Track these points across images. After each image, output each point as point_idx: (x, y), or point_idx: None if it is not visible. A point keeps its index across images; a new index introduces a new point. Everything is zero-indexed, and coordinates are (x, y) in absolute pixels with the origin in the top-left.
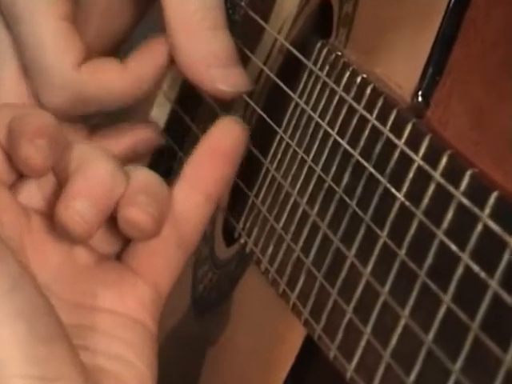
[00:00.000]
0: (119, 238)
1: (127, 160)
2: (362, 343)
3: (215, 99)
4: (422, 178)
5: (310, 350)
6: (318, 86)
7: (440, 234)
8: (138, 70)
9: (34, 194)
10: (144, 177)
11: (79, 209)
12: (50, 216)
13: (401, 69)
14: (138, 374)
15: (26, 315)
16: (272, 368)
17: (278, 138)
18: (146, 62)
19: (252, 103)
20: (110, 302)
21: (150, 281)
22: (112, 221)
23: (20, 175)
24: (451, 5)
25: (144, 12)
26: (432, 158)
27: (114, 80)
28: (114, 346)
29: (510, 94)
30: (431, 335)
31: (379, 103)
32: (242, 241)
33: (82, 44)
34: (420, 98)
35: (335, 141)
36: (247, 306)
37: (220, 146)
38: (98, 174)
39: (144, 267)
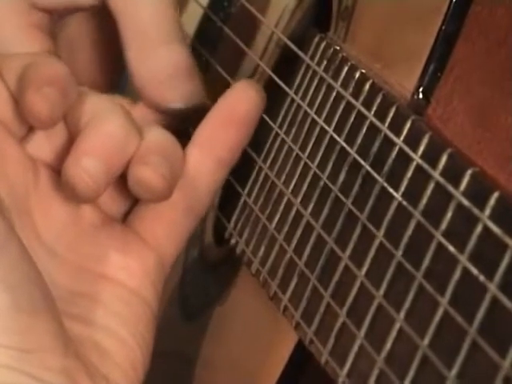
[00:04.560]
0: (126, 198)
1: None
2: (355, 348)
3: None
4: (421, 177)
5: (300, 357)
6: (315, 81)
7: (438, 236)
8: None
9: (43, 146)
10: (158, 136)
11: (88, 167)
12: (59, 171)
13: (401, 65)
14: (128, 352)
15: (10, 283)
16: (261, 375)
17: (272, 134)
18: None
19: None
20: (113, 268)
21: (155, 247)
22: (120, 179)
23: (31, 127)
24: (454, 0)
25: None
26: (431, 156)
27: None
28: (110, 320)
29: None
30: (427, 340)
31: (378, 100)
32: (233, 241)
33: None
34: (421, 95)
35: (332, 138)
36: (236, 311)
37: (235, 110)
38: (110, 130)
39: (149, 232)
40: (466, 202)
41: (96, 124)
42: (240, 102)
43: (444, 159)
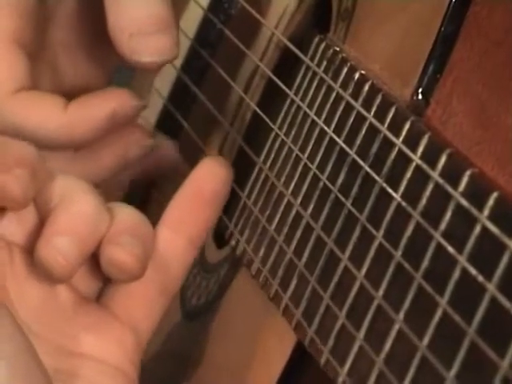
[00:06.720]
0: (99, 277)
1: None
2: (355, 349)
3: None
4: (420, 177)
5: (299, 359)
6: (315, 82)
7: (437, 236)
8: (78, 114)
9: (14, 228)
10: (129, 215)
11: (61, 247)
12: (32, 252)
13: (401, 65)
14: None
15: (6, 355)
16: (261, 376)
17: (272, 135)
18: (88, 110)
19: (247, 99)
20: (90, 347)
21: (131, 326)
22: (92, 259)
23: (1, 208)
24: (453, 1)
25: None
26: (431, 157)
27: (47, 116)
28: None
29: None
30: (426, 340)
31: (377, 100)
32: (233, 242)
33: (27, 72)
34: (420, 96)
35: (331, 139)
36: (236, 312)
37: (203, 189)
38: (81, 210)
39: (123, 311)
40: (464, 203)
41: (66, 204)
42: (207, 181)
43: (443, 160)
